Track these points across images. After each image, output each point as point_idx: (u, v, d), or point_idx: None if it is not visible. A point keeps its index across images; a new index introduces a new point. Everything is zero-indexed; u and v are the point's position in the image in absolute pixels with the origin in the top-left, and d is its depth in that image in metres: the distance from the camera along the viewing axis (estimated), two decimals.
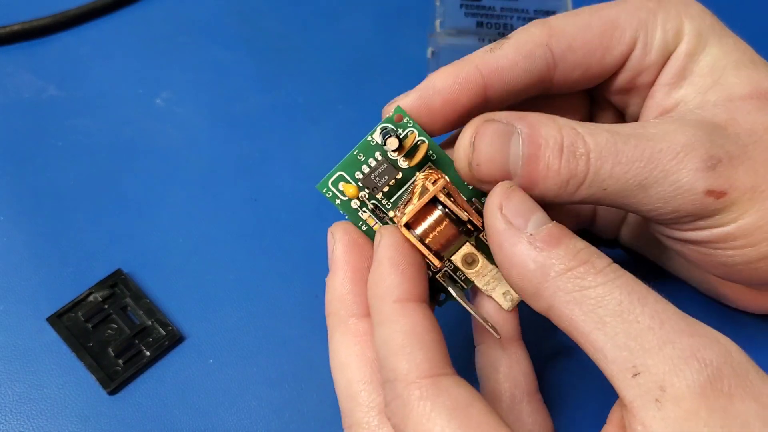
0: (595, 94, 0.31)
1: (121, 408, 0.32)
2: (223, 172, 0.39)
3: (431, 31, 0.43)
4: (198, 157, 0.40)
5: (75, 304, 0.34)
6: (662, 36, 0.28)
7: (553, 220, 0.24)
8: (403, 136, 0.27)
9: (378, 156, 0.27)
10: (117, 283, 0.35)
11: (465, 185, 0.28)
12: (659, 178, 0.25)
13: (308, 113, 0.42)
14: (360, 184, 0.27)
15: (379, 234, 0.25)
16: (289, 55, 0.44)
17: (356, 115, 0.42)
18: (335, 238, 0.27)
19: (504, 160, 0.25)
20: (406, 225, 0.25)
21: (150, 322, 0.34)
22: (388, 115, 0.27)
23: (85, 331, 0.33)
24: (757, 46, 0.29)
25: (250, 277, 0.36)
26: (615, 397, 0.23)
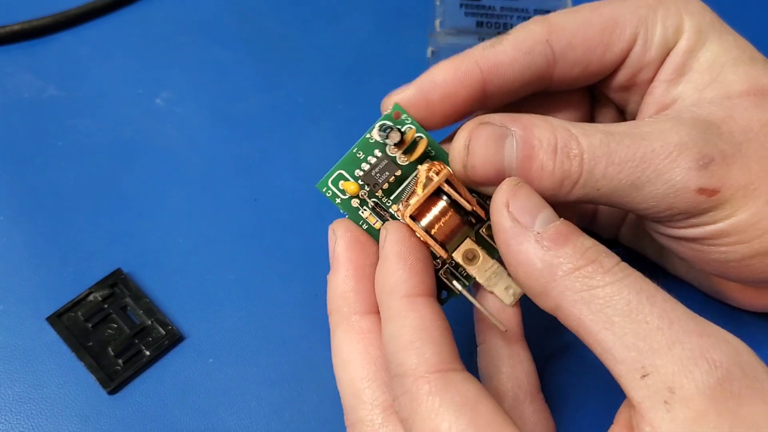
0: (595, 91, 0.31)
1: (121, 408, 0.32)
2: (223, 172, 0.39)
3: (431, 31, 0.43)
4: (198, 157, 0.40)
5: (75, 304, 0.34)
6: (662, 33, 0.28)
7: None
8: (402, 133, 0.27)
9: (377, 153, 0.27)
10: (117, 283, 0.35)
11: None
12: (652, 178, 0.25)
13: (308, 113, 0.42)
14: (360, 182, 0.27)
15: (385, 229, 0.25)
16: (289, 55, 0.44)
17: (356, 115, 0.42)
18: (337, 235, 0.27)
19: (499, 162, 0.25)
20: (411, 217, 0.25)
21: (150, 322, 0.34)
22: (387, 112, 0.27)
23: (84, 330, 0.33)
24: (758, 44, 0.29)
25: (250, 277, 0.36)
26: (615, 397, 0.23)
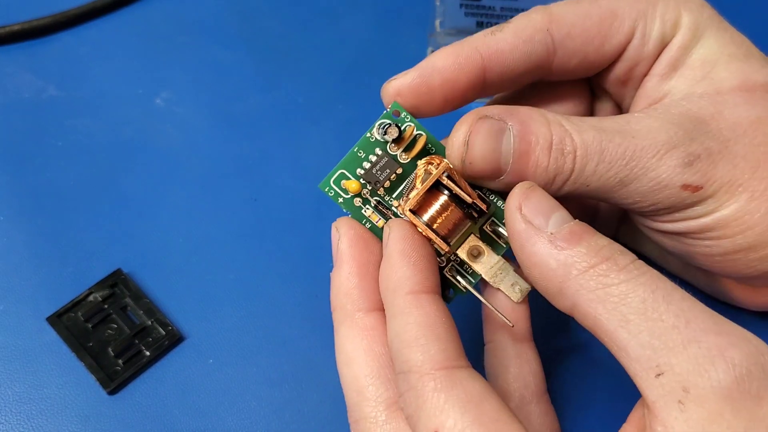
0: (594, 85, 0.31)
1: (121, 408, 0.31)
2: (223, 172, 0.39)
3: (431, 31, 0.43)
4: (198, 157, 0.40)
5: (75, 304, 0.34)
6: (660, 27, 0.28)
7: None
8: (402, 130, 0.27)
9: (378, 151, 0.27)
10: (117, 283, 0.35)
11: None
12: (639, 175, 0.25)
13: (308, 113, 0.42)
14: (362, 180, 0.27)
15: (388, 227, 0.25)
16: (289, 55, 0.44)
17: (356, 115, 0.42)
18: (340, 232, 0.26)
19: (496, 157, 0.26)
20: (412, 211, 0.25)
21: (150, 322, 0.34)
22: (387, 110, 0.27)
23: (85, 331, 0.33)
24: (758, 43, 0.29)
25: (250, 277, 0.36)
26: (619, 399, 0.23)
